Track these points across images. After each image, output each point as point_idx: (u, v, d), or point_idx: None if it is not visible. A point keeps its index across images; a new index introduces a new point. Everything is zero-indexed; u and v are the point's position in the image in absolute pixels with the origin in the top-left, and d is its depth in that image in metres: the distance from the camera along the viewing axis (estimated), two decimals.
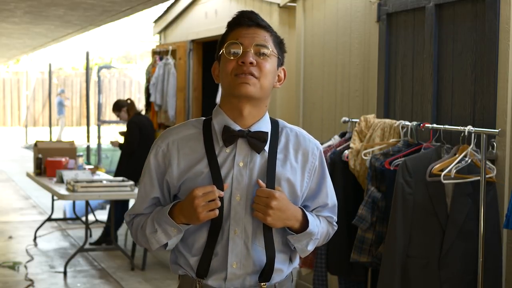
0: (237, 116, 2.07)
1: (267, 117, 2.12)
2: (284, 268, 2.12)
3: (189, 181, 2.04)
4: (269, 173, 2.05)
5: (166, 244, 2.09)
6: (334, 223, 2.25)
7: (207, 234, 2.05)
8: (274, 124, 2.14)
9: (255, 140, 2.04)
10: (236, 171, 2.04)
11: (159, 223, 2.05)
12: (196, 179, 2.03)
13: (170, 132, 2.13)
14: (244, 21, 2.06)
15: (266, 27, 2.08)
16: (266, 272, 2.06)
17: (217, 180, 2.02)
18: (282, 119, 2.22)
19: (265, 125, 2.10)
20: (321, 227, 2.16)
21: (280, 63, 2.12)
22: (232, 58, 2.04)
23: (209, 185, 2.00)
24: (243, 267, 2.05)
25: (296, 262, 2.19)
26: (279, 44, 2.11)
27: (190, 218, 2.00)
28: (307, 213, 2.10)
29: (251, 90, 2.02)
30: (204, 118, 2.15)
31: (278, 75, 2.12)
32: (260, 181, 2.02)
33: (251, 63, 2.01)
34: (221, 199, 2.01)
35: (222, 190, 2.01)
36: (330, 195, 2.20)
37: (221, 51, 2.08)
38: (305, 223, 2.08)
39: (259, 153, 2.06)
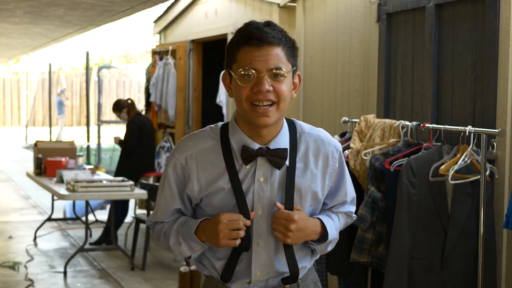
0: (255, 134, 2.02)
1: (285, 128, 2.07)
2: (306, 264, 2.13)
3: (211, 196, 2.02)
4: (289, 185, 2.02)
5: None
6: (353, 215, 2.25)
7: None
8: (292, 128, 2.09)
9: (275, 158, 2.00)
10: (257, 186, 2.01)
11: (184, 238, 2.05)
12: (218, 194, 2.01)
13: (187, 144, 2.06)
14: (254, 42, 1.93)
15: (278, 41, 1.95)
16: (290, 279, 2.08)
17: (240, 197, 1.99)
18: None
19: (283, 139, 2.05)
20: (339, 225, 2.17)
21: (295, 70, 2.03)
22: (245, 85, 1.94)
23: (236, 213, 1.98)
24: (266, 275, 2.06)
25: (318, 254, 2.18)
26: (292, 51, 2.01)
27: (211, 240, 2.00)
28: (325, 223, 2.09)
29: (271, 121, 1.97)
30: (220, 125, 2.08)
31: (294, 82, 2.04)
32: (278, 204, 2.00)
33: (268, 90, 1.93)
34: (245, 215, 1.99)
35: (249, 217, 1.98)
36: (349, 192, 2.19)
37: (231, 67, 1.98)
38: (325, 232, 2.08)
39: (279, 169, 2.02)
